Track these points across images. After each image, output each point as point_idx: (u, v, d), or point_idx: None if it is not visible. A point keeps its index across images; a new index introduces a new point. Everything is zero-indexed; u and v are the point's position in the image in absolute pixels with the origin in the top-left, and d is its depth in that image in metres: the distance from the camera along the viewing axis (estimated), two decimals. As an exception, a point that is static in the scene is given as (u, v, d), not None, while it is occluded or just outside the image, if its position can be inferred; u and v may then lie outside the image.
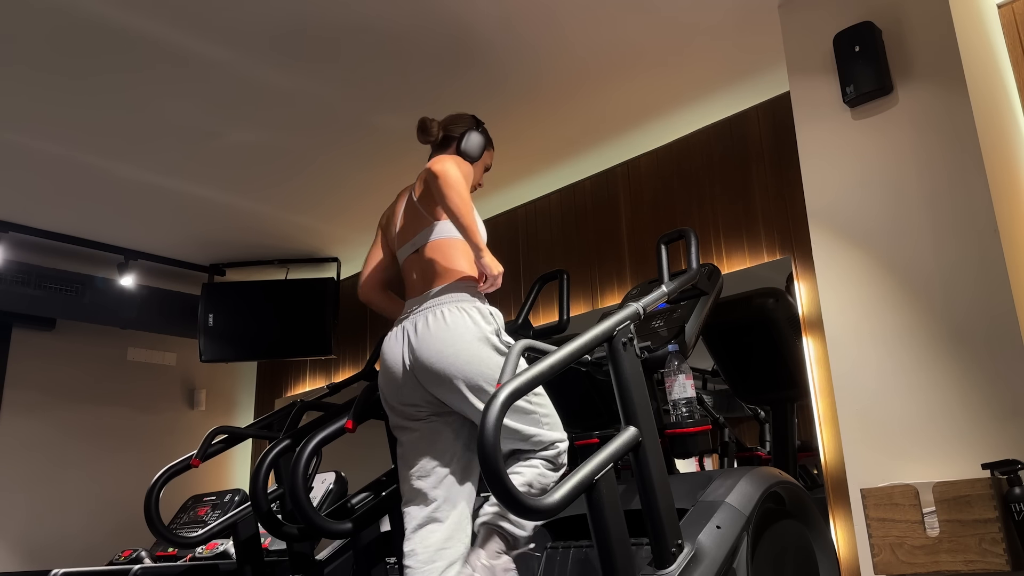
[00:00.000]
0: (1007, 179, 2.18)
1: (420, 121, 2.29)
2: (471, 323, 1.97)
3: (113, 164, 3.48)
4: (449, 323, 1.97)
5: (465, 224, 1.98)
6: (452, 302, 2.02)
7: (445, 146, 2.31)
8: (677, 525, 1.73)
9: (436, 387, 2.00)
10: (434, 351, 1.96)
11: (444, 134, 2.30)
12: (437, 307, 2.02)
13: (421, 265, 2.15)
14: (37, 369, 4.58)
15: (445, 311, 2.00)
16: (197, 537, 2.69)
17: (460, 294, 2.06)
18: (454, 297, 2.04)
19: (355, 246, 4.53)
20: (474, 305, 2.03)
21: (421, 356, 1.99)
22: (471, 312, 1.99)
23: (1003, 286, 1.95)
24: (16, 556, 4.30)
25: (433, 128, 2.28)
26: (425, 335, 1.99)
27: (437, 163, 2.00)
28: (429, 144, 2.32)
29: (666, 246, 2.28)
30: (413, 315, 2.07)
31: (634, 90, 3.07)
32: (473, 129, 2.31)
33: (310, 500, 2.17)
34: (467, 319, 1.98)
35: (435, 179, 1.98)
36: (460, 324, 1.97)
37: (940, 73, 2.14)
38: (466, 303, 2.02)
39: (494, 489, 1.38)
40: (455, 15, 2.58)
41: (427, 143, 2.32)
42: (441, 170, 1.97)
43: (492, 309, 2.06)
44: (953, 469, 1.93)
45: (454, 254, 2.12)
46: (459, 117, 2.35)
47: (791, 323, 2.90)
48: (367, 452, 3.38)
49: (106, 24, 2.56)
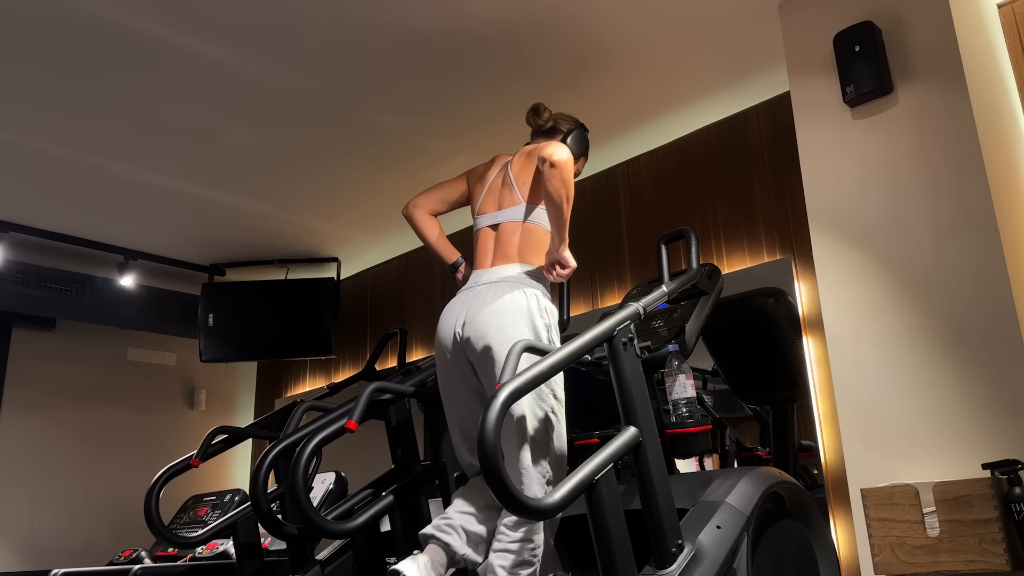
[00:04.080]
0: (1007, 179, 2.18)
1: (534, 105, 2.38)
2: (526, 308, 2.01)
3: (113, 164, 3.48)
4: (507, 300, 2.01)
5: (564, 215, 2.04)
6: (519, 284, 2.07)
7: (550, 135, 2.38)
8: (677, 525, 1.73)
9: (475, 356, 2.03)
10: (483, 321, 2.01)
11: (553, 124, 2.38)
12: (503, 284, 2.06)
13: (500, 240, 2.19)
14: (37, 369, 4.58)
15: (506, 288, 2.04)
16: (197, 537, 2.69)
17: (529, 279, 2.10)
18: (522, 280, 2.09)
19: (355, 246, 4.53)
20: (536, 294, 2.06)
21: (472, 323, 2.03)
22: (531, 299, 2.03)
23: (1003, 286, 1.95)
24: (16, 556, 4.30)
25: (545, 114, 2.37)
26: (482, 306, 2.03)
27: (557, 149, 2.03)
28: (537, 127, 2.39)
29: (666, 246, 2.28)
30: (479, 287, 2.10)
31: (634, 90, 3.07)
32: (580, 130, 2.41)
33: (310, 500, 2.17)
34: (525, 302, 2.01)
35: (552, 166, 2.01)
36: (517, 304, 2.01)
37: (940, 73, 2.14)
38: (531, 288, 2.07)
39: (494, 488, 1.38)
40: (453, 15, 2.57)
41: (535, 127, 2.39)
42: (560, 160, 2.01)
43: (551, 305, 2.10)
44: (953, 469, 1.93)
45: (535, 241, 2.16)
46: (569, 116, 2.44)
47: (791, 323, 2.90)
48: (367, 452, 3.38)
49: (106, 25, 2.56)
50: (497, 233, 2.20)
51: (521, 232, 2.16)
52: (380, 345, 3.05)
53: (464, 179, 2.43)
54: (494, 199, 2.26)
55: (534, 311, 2.01)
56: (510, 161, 2.29)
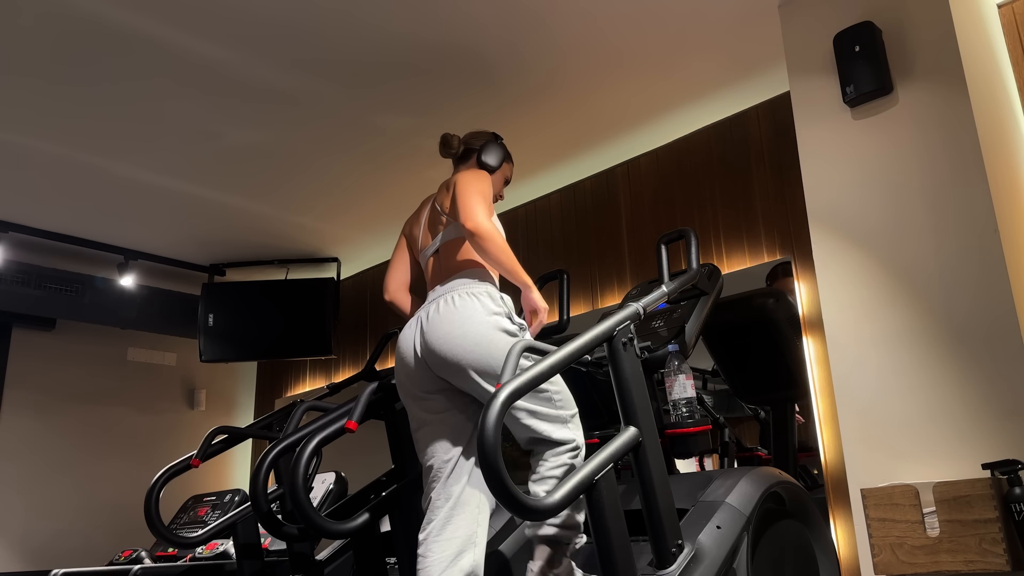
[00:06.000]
0: (1007, 179, 2.18)
1: (442, 137, 2.39)
2: (479, 306, 2.00)
3: (113, 164, 3.48)
4: (458, 306, 2.01)
5: (510, 271, 2.06)
6: (463, 288, 2.07)
7: (465, 159, 2.40)
8: (677, 525, 1.73)
9: (445, 371, 2.03)
10: (442, 334, 2.00)
11: (465, 147, 2.40)
12: (448, 294, 2.07)
13: (438, 263, 2.22)
14: (37, 369, 4.58)
15: (455, 296, 2.04)
16: (197, 537, 2.69)
17: (470, 280, 2.11)
18: (465, 283, 2.10)
19: (355, 246, 4.53)
20: (484, 289, 2.07)
21: (430, 340, 2.03)
22: (480, 296, 2.03)
23: (1003, 286, 1.94)
24: (16, 556, 4.30)
25: (454, 142, 2.38)
26: (435, 320, 2.03)
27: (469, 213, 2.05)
28: (450, 158, 2.42)
29: (666, 246, 2.28)
30: (426, 305, 2.12)
31: (634, 90, 3.07)
32: (492, 142, 2.42)
33: (310, 500, 2.16)
34: (476, 302, 2.01)
35: (473, 235, 2.04)
36: (468, 307, 2.00)
37: (940, 73, 2.14)
38: (475, 287, 2.07)
39: (494, 489, 1.37)
40: (454, 18, 2.58)
41: (448, 156, 2.41)
42: (477, 227, 2.04)
43: (503, 294, 2.10)
44: (953, 469, 1.93)
45: (466, 248, 2.18)
46: (479, 133, 2.45)
47: (791, 323, 2.90)
48: (367, 452, 3.38)
49: (106, 25, 2.56)
50: (438, 256, 2.24)
51: (455, 245, 2.19)
52: (380, 345, 3.05)
53: (402, 237, 2.45)
54: (430, 232, 2.30)
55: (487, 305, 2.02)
56: (435, 197, 2.34)
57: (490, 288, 2.09)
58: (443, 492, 2.03)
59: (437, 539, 1.95)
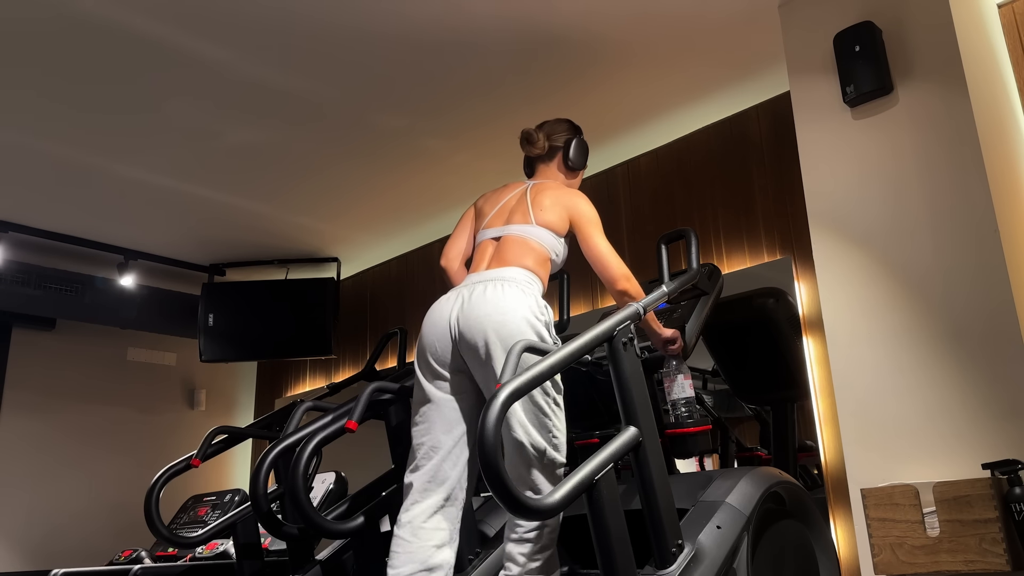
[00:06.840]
0: (1007, 179, 2.18)
1: (524, 133, 2.31)
2: (525, 305, 1.99)
3: (113, 164, 3.48)
4: (507, 295, 2.00)
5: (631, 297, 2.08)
6: (517, 281, 2.05)
7: (551, 156, 2.34)
8: (677, 525, 1.73)
9: (468, 351, 2.01)
10: (483, 314, 1.98)
11: (550, 146, 2.33)
12: (502, 280, 2.05)
13: (500, 249, 2.17)
14: (37, 369, 4.58)
15: (507, 285, 2.03)
16: (197, 537, 2.69)
17: (525, 279, 2.08)
18: (520, 279, 2.07)
19: (355, 246, 4.53)
20: (534, 292, 2.07)
21: (469, 316, 2.00)
22: (528, 297, 2.02)
23: (1003, 286, 1.95)
24: (16, 556, 4.30)
25: (539, 140, 2.30)
26: (479, 299, 2.01)
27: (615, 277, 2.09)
28: (535, 156, 2.34)
29: (666, 246, 2.28)
30: (474, 284, 2.08)
31: (634, 90, 3.07)
32: (576, 136, 2.35)
33: (310, 500, 2.16)
34: (524, 299, 2.00)
35: (622, 297, 2.07)
36: (517, 299, 1.99)
37: (940, 73, 2.14)
38: (529, 287, 2.06)
39: (494, 488, 1.37)
40: (454, 17, 2.57)
41: (533, 155, 2.34)
42: (624, 289, 2.08)
43: (547, 304, 2.08)
44: (953, 469, 1.93)
45: (535, 255, 2.14)
46: (557, 124, 2.37)
47: (791, 323, 2.90)
48: (367, 452, 3.38)
49: (106, 25, 2.56)
50: (499, 243, 2.18)
51: (524, 244, 2.15)
52: (380, 345, 3.05)
53: (472, 208, 2.39)
54: (503, 216, 2.24)
55: (533, 308, 2.00)
56: (529, 187, 2.27)
57: (538, 293, 2.08)
58: (436, 476, 2.02)
59: (424, 526, 1.97)
